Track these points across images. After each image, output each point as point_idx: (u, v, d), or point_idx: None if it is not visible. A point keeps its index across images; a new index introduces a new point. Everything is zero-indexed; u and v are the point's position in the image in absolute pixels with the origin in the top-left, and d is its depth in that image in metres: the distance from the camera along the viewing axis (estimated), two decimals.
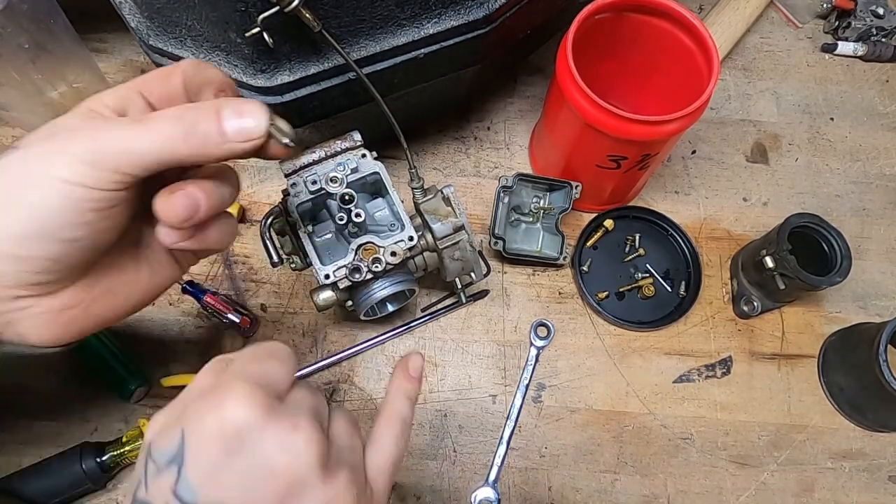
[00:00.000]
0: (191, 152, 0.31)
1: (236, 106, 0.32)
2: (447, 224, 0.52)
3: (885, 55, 0.78)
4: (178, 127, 0.30)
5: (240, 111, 0.32)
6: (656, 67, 0.62)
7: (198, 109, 0.31)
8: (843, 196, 0.72)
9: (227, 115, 0.31)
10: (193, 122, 0.31)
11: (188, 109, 0.31)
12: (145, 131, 0.30)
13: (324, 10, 0.44)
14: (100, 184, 0.30)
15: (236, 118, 0.31)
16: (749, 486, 0.60)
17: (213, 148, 0.31)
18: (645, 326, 0.65)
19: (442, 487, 0.59)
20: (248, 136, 0.32)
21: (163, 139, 0.30)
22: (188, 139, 0.30)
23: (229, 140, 0.31)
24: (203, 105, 0.32)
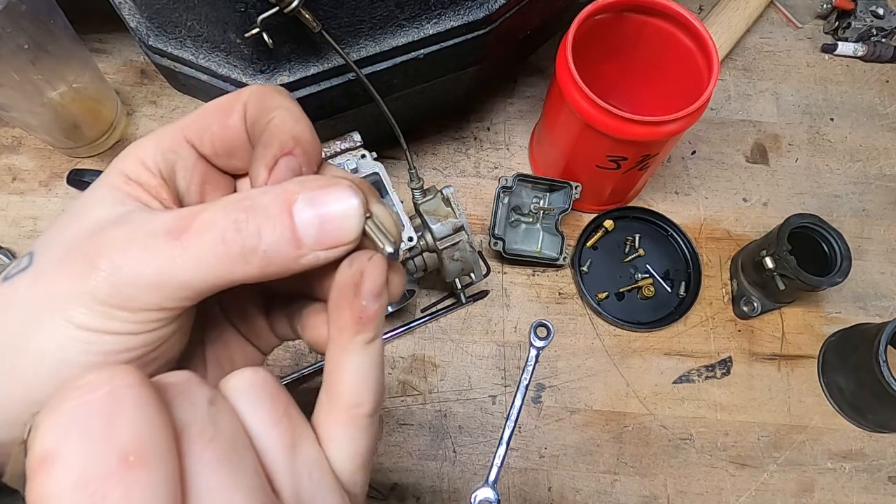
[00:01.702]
0: (254, 274, 0.21)
1: (313, 191, 0.21)
2: (447, 224, 0.52)
3: (885, 55, 0.78)
4: (231, 246, 0.20)
5: (318, 198, 0.21)
6: (656, 68, 0.62)
7: (257, 211, 0.20)
8: (843, 196, 0.72)
9: (301, 207, 0.21)
10: (253, 233, 0.20)
11: (244, 210, 0.20)
12: (186, 253, 0.20)
13: (323, 11, 0.44)
14: (130, 328, 0.21)
15: (312, 209, 0.21)
16: (749, 487, 0.60)
17: (286, 264, 0.21)
18: (645, 327, 0.65)
19: (442, 488, 0.59)
20: (336, 242, 0.21)
21: (210, 263, 0.20)
22: (248, 258, 0.20)
23: (308, 251, 0.21)
24: (265, 200, 0.21)
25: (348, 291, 0.22)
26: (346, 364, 0.22)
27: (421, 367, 0.63)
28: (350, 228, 0.21)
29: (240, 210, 0.21)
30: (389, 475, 0.59)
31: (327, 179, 0.22)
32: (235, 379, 0.21)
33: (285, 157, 0.23)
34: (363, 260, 0.22)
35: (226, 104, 0.24)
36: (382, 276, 0.22)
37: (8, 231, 0.65)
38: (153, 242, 0.20)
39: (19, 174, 0.67)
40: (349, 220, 0.21)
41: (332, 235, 0.21)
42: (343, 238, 0.21)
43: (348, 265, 0.22)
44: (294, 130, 0.23)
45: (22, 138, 0.69)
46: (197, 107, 0.71)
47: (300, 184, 0.21)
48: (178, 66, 0.51)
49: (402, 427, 0.61)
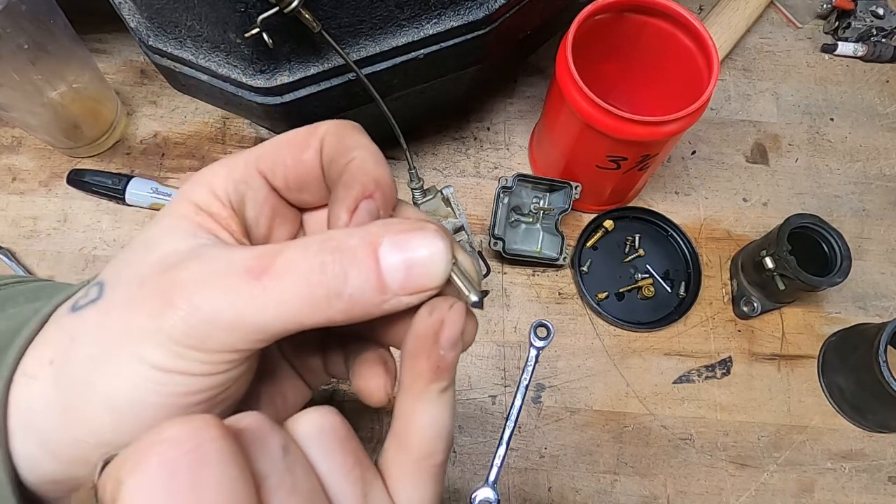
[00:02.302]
0: (335, 318, 0.20)
1: (399, 234, 0.20)
2: (447, 225, 0.52)
3: (885, 55, 0.78)
4: (316, 288, 0.19)
5: (405, 243, 0.20)
6: (656, 68, 0.62)
7: (343, 253, 0.20)
8: (842, 196, 0.72)
9: (387, 251, 0.20)
10: (340, 275, 0.19)
11: (330, 252, 0.20)
12: (266, 295, 0.19)
13: (323, 11, 0.44)
14: (204, 369, 0.20)
15: (398, 253, 0.20)
16: (749, 487, 0.60)
17: (369, 309, 0.20)
18: (645, 327, 0.65)
19: None
20: (421, 288, 0.20)
21: (293, 306, 0.19)
22: (333, 302, 0.19)
23: (392, 296, 0.20)
24: (351, 242, 0.20)
25: (427, 340, 0.21)
26: (419, 413, 0.21)
27: None
28: (436, 274, 0.21)
29: (326, 251, 0.20)
30: None
31: (412, 223, 0.21)
32: (305, 424, 0.20)
33: (366, 199, 0.22)
34: (444, 308, 0.21)
35: (302, 137, 0.24)
36: (462, 324, 0.21)
37: (8, 231, 0.65)
38: (232, 282, 0.19)
39: (19, 174, 0.67)
40: (436, 265, 0.20)
41: (417, 280, 0.20)
42: (428, 283, 0.21)
43: (428, 313, 0.21)
44: (375, 173, 0.23)
45: (22, 138, 0.69)
46: (198, 108, 0.72)
47: (385, 227, 0.20)
48: (178, 66, 0.51)
49: None
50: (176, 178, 0.68)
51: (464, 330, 0.22)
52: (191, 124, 0.71)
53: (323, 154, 0.23)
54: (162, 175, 0.68)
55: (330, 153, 0.23)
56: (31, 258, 0.64)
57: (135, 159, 0.69)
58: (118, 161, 0.69)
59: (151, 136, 0.70)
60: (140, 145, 0.70)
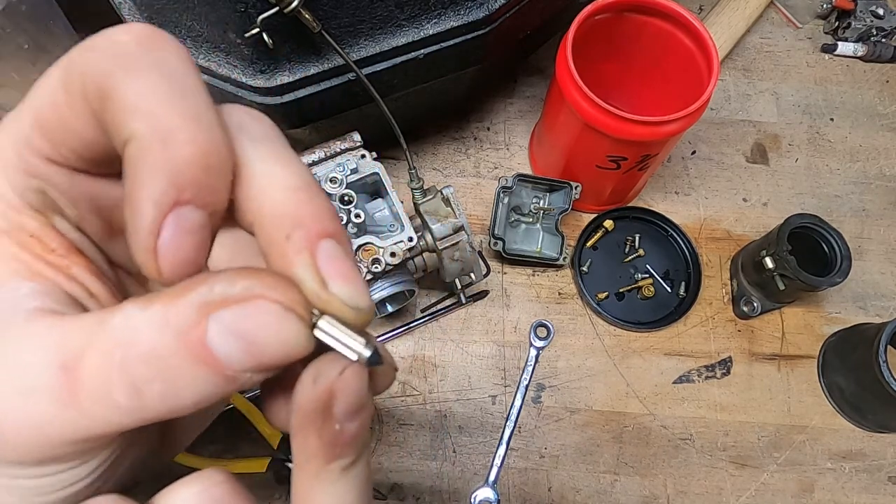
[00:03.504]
0: (168, 417, 0.15)
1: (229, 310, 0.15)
2: (447, 225, 0.52)
3: (885, 55, 0.78)
4: (131, 408, 0.15)
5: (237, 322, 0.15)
6: (656, 68, 0.62)
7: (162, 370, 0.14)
8: (842, 196, 0.72)
9: (216, 334, 0.14)
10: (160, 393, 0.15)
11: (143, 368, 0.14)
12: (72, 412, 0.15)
13: (323, 11, 0.44)
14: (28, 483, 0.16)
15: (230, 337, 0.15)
16: (749, 487, 0.60)
17: (214, 397, 0.15)
18: (645, 327, 0.65)
19: (441, 488, 0.59)
20: (272, 363, 0.15)
21: (107, 420, 0.15)
22: (157, 409, 0.15)
23: (238, 373, 0.15)
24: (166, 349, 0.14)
25: (314, 415, 0.16)
26: (318, 497, 0.17)
27: (421, 367, 0.63)
28: (292, 346, 0.15)
29: (137, 364, 0.14)
30: (389, 475, 0.59)
31: (237, 290, 0.15)
32: (179, 499, 0.16)
33: (171, 215, 0.14)
34: (331, 373, 0.16)
35: (57, 97, 0.15)
36: (362, 388, 0.17)
37: None
38: (34, 396, 0.14)
39: None
40: (284, 343, 0.15)
41: (266, 359, 0.15)
42: (282, 359, 0.15)
43: (311, 381, 0.16)
44: (170, 159, 0.14)
45: None
46: None
47: (204, 303, 0.14)
48: None
49: (402, 427, 0.61)
50: None
51: (368, 388, 0.17)
52: None
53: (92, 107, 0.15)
54: None
55: (99, 116, 0.15)
56: None
57: None
58: None
59: None
60: None
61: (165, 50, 0.15)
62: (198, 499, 0.16)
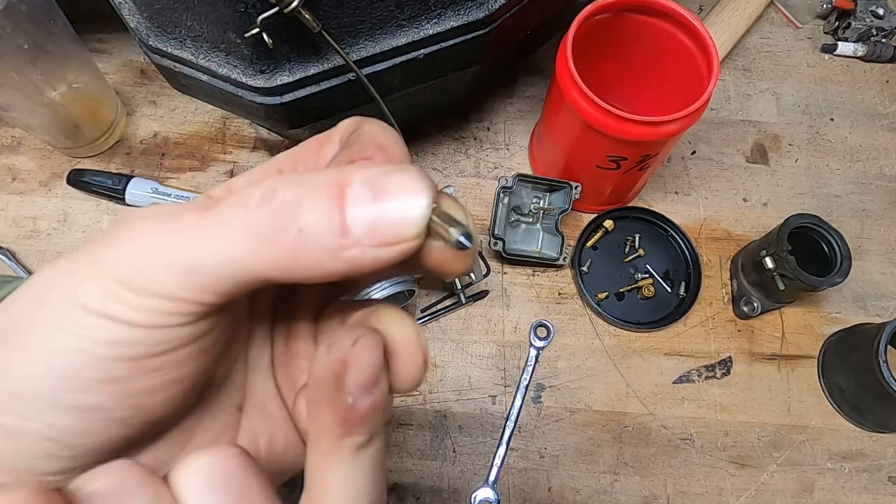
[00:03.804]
0: (280, 262, 0.16)
1: (373, 177, 0.16)
2: None
3: (885, 55, 0.78)
4: (257, 215, 0.16)
5: (380, 187, 0.16)
6: (656, 68, 0.62)
7: (301, 183, 0.16)
8: (842, 196, 0.72)
9: (356, 194, 0.16)
10: (290, 203, 0.16)
11: (286, 181, 0.16)
12: (202, 224, 0.16)
13: (323, 11, 0.44)
14: (135, 317, 0.16)
15: (371, 201, 0.16)
16: (749, 487, 0.60)
17: (325, 257, 0.16)
18: (645, 327, 0.65)
19: (441, 488, 0.59)
20: (394, 237, 0.16)
21: (228, 238, 0.16)
22: (278, 236, 0.16)
23: (356, 243, 0.16)
24: (315, 178, 0.16)
25: (326, 385, 0.17)
26: (330, 475, 0.17)
27: None
28: (412, 219, 0.16)
29: (284, 179, 0.16)
30: (389, 475, 0.59)
31: (391, 168, 0.17)
32: (189, 477, 0.16)
33: (363, 161, 0.19)
34: (345, 343, 0.17)
35: (323, 135, 0.21)
36: (375, 361, 0.17)
37: (8, 231, 0.65)
38: (177, 216, 0.17)
39: (19, 174, 0.67)
40: (412, 209, 0.16)
41: (387, 227, 0.16)
42: (401, 231, 0.16)
43: (325, 351, 0.17)
44: (382, 139, 0.19)
45: (22, 138, 0.69)
46: (198, 108, 0.72)
47: (361, 167, 0.17)
48: (178, 66, 0.51)
49: (402, 427, 0.61)
50: (176, 178, 0.68)
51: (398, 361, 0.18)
52: (191, 124, 0.71)
53: (342, 143, 0.20)
54: (162, 175, 0.68)
55: (345, 136, 0.20)
56: (31, 258, 0.64)
57: (135, 159, 0.69)
58: (118, 161, 0.69)
59: (151, 136, 0.70)
60: (140, 145, 0.70)
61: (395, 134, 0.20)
62: (207, 471, 0.16)
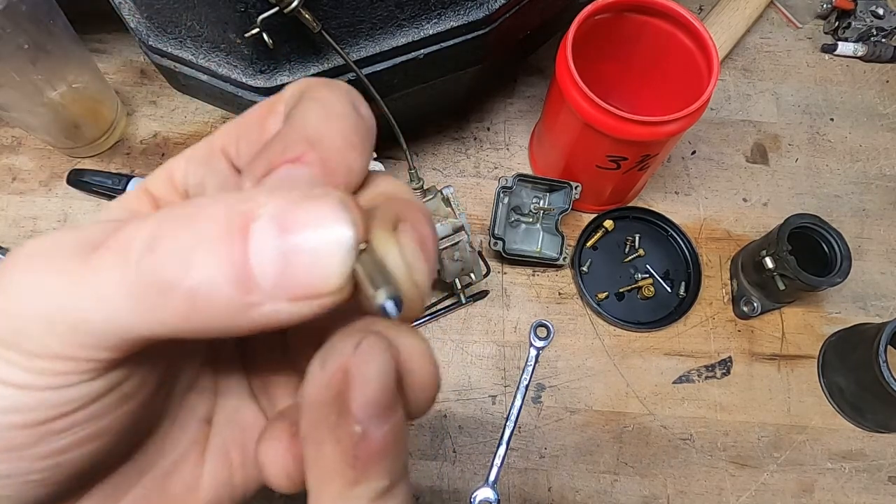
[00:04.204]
0: (174, 323, 0.13)
1: (284, 209, 0.13)
2: (447, 225, 0.52)
3: (885, 55, 0.78)
4: (140, 270, 0.13)
5: (291, 223, 0.13)
6: (656, 68, 0.62)
7: (190, 223, 0.13)
8: (842, 196, 0.72)
9: (262, 236, 0.13)
10: (176, 255, 0.13)
11: (174, 222, 0.13)
12: (86, 280, 0.13)
13: (323, 11, 0.44)
14: (24, 379, 0.14)
15: (281, 245, 0.13)
16: (749, 487, 0.60)
17: (228, 316, 0.13)
18: (645, 327, 0.65)
19: (441, 488, 0.59)
20: (310, 290, 0.13)
21: (112, 297, 0.13)
22: (164, 299, 0.13)
23: (266, 298, 0.13)
24: (210, 211, 0.13)
25: (326, 412, 0.13)
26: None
27: None
28: (329, 269, 0.13)
29: (171, 219, 0.13)
30: None
31: (311, 190, 0.13)
32: None
33: (287, 165, 0.15)
34: (345, 349, 0.13)
35: (266, 104, 0.18)
36: (386, 370, 0.13)
37: (8, 231, 0.65)
38: (59, 260, 0.14)
39: (19, 174, 0.67)
40: (329, 256, 0.13)
41: (302, 278, 0.13)
42: (319, 284, 0.13)
43: (320, 363, 0.14)
44: (314, 130, 0.15)
45: (22, 138, 0.69)
46: (198, 108, 0.72)
47: (272, 194, 0.13)
48: (178, 66, 0.51)
49: None
50: None
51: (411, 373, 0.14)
52: (191, 124, 0.71)
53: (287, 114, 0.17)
54: None
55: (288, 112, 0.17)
56: None
57: (135, 159, 0.69)
58: (118, 161, 0.69)
59: (151, 136, 0.70)
60: (140, 145, 0.70)
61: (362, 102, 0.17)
62: None
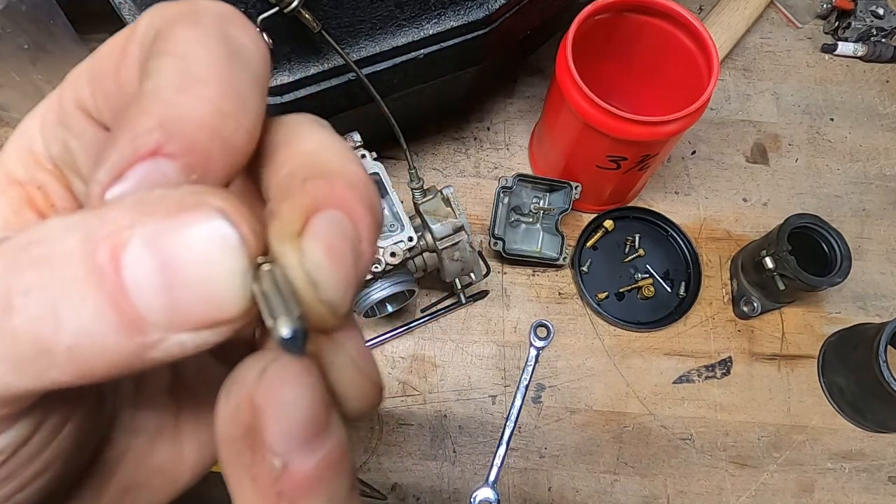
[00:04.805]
0: (71, 382, 0.11)
1: (155, 230, 0.11)
2: (447, 225, 0.52)
3: (885, 55, 0.78)
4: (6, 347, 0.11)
5: (168, 246, 0.11)
6: (656, 68, 0.62)
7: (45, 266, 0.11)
8: (843, 196, 0.72)
9: (136, 266, 0.11)
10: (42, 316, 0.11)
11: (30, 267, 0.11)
12: None
13: (323, 11, 0.44)
14: None
15: (161, 272, 0.11)
16: (749, 487, 0.60)
17: (127, 362, 0.11)
18: (645, 327, 0.65)
19: (442, 488, 0.59)
20: (209, 318, 0.11)
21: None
22: (45, 362, 0.11)
23: (162, 334, 0.11)
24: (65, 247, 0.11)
25: (238, 444, 0.12)
26: None
27: (421, 367, 0.63)
28: (223, 295, 0.11)
29: (18, 266, 0.11)
30: (389, 475, 0.59)
31: (183, 194, 0.11)
32: None
33: (146, 161, 0.12)
34: (248, 376, 0.12)
35: (118, 44, 0.14)
36: (303, 396, 0.12)
37: None
38: None
39: None
40: (219, 281, 0.11)
41: (196, 306, 0.11)
42: (217, 312, 0.11)
43: (224, 395, 0.12)
44: (171, 105, 0.12)
45: None
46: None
47: (135, 210, 0.11)
48: None
49: (402, 427, 0.61)
50: None
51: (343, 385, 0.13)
52: None
53: (143, 53, 0.14)
54: None
55: (143, 62, 0.14)
56: None
57: None
58: None
59: None
60: None
61: (241, 29, 0.14)
62: None
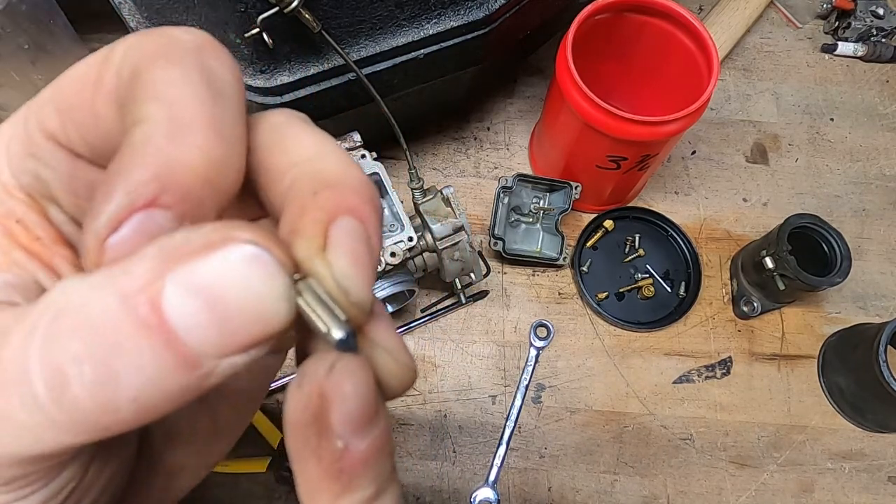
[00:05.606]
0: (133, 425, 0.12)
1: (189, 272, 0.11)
2: (447, 225, 0.52)
3: (885, 55, 0.78)
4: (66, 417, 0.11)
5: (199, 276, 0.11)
6: (656, 68, 0.62)
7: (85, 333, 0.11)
8: (842, 196, 0.72)
9: (182, 310, 0.11)
10: (102, 388, 0.11)
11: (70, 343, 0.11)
12: None
13: (323, 11, 0.44)
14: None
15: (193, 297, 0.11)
16: (749, 487, 0.60)
17: (185, 394, 0.12)
18: (645, 327, 0.65)
19: (442, 488, 0.59)
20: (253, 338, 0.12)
21: (42, 435, 0.12)
22: (112, 424, 0.12)
23: (215, 363, 0.12)
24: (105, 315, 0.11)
25: (306, 430, 0.13)
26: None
27: (421, 367, 0.63)
28: (269, 312, 0.12)
29: (57, 337, 0.11)
30: None
31: (206, 234, 0.12)
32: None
33: (139, 214, 0.12)
34: (319, 372, 0.13)
35: (90, 76, 0.14)
36: (364, 388, 0.13)
37: None
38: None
39: None
40: (265, 298, 0.12)
41: (243, 331, 0.11)
42: (267, 330, 0.12)
43: (297, 387, 0.13)
44: (163, 156, 0.12)
45: None
46: None
47: (162, 257, 0.11)
48: None
49: (402, 427, 0.61)
50: None
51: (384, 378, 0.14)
52: None
53: (119, 85, 0.14)
54: None
55: (123, 98, 0.13)
56: None
57: None
58: None
59: None
60: None
61: (218, 59, 0.14)
62: None
